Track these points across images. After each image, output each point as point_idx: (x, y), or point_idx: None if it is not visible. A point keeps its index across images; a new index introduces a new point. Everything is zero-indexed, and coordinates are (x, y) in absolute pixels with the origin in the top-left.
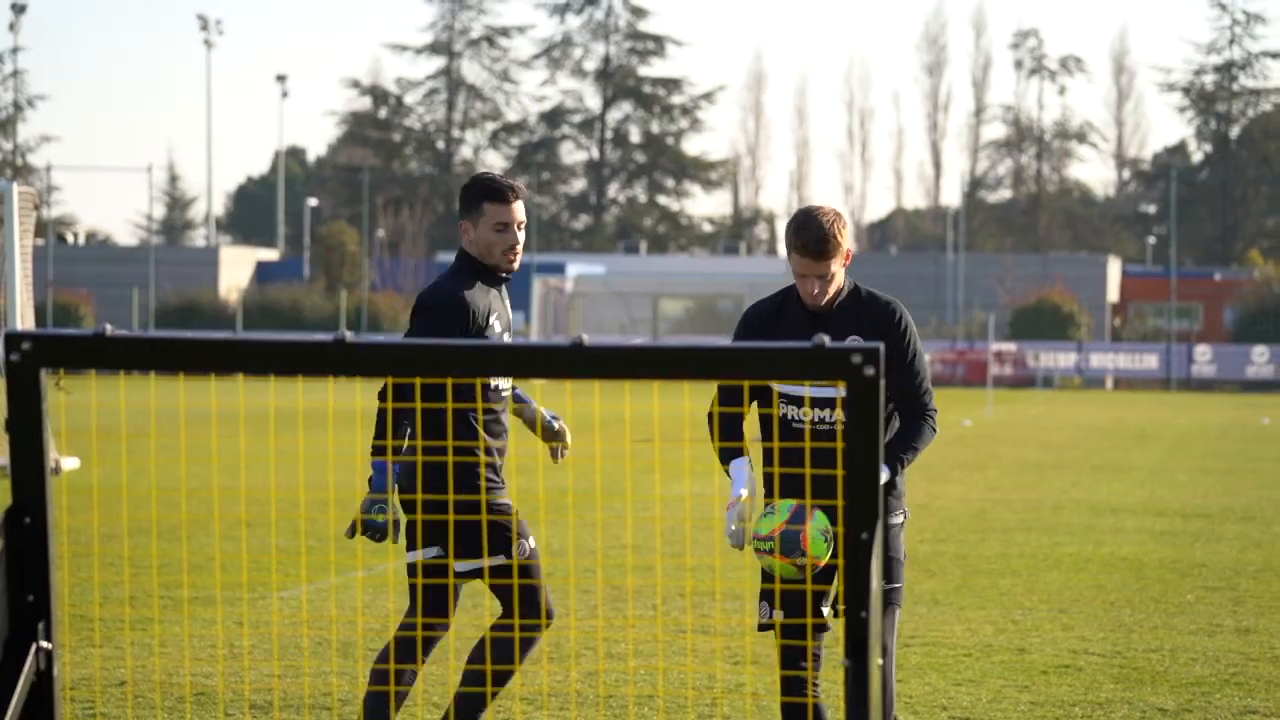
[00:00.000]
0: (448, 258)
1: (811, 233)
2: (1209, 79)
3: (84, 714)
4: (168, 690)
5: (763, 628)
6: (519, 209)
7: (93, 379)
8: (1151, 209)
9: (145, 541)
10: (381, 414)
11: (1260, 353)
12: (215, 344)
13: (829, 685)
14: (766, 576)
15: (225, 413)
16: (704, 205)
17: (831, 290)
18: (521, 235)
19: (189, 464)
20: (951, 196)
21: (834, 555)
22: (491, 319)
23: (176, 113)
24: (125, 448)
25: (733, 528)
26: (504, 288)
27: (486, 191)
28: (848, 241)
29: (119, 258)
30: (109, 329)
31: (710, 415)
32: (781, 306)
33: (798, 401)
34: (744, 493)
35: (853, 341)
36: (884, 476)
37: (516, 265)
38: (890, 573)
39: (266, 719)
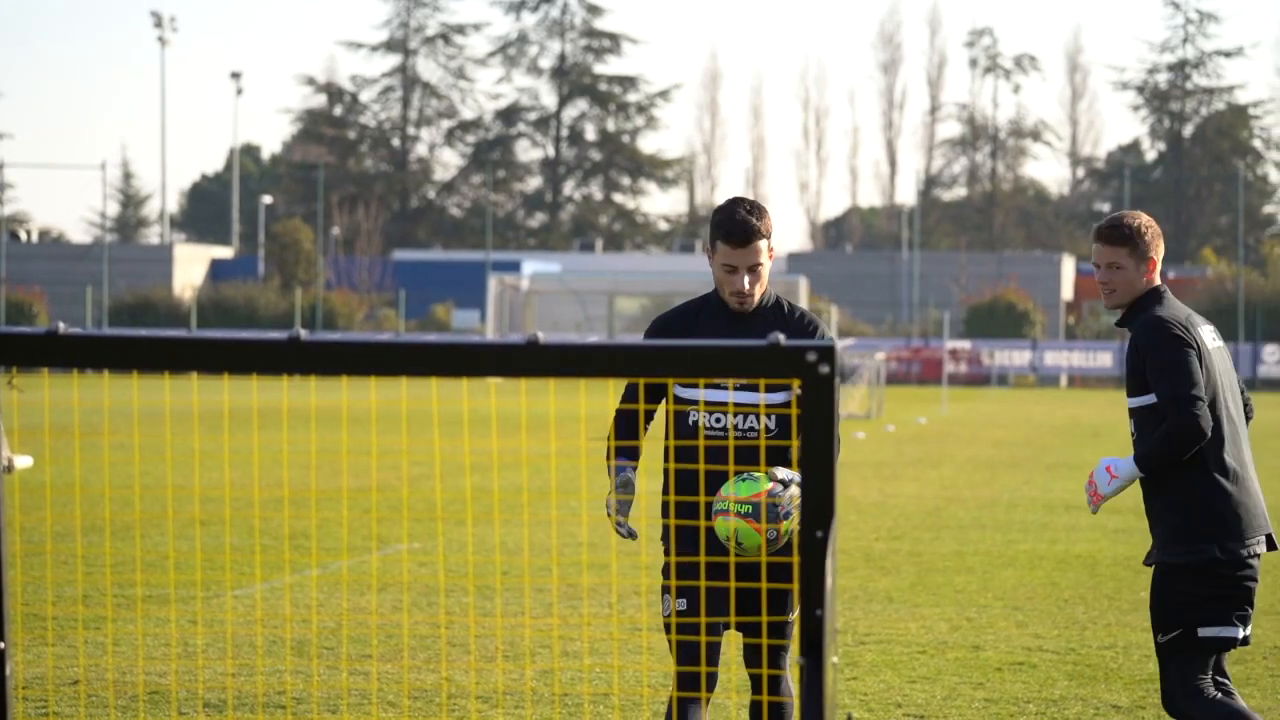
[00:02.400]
0: (404, 255)
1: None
2: (1162, 78)
3: (37, 713)
4: (121, 689)
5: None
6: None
7: (46, 377)
8: (1105, 207)
9: (99, 540)
10: None
11: None
12: (169, 342)
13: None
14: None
15: (179, 411)
16: (660, 203)
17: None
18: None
19: (143, 462)
20: (907, 195)
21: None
22: None
23: (130, 110)
24: (79, 446)
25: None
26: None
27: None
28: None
29: (73, 255)
30: (62, 327)
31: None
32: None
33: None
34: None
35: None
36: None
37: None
38: None
39: (220, 717)
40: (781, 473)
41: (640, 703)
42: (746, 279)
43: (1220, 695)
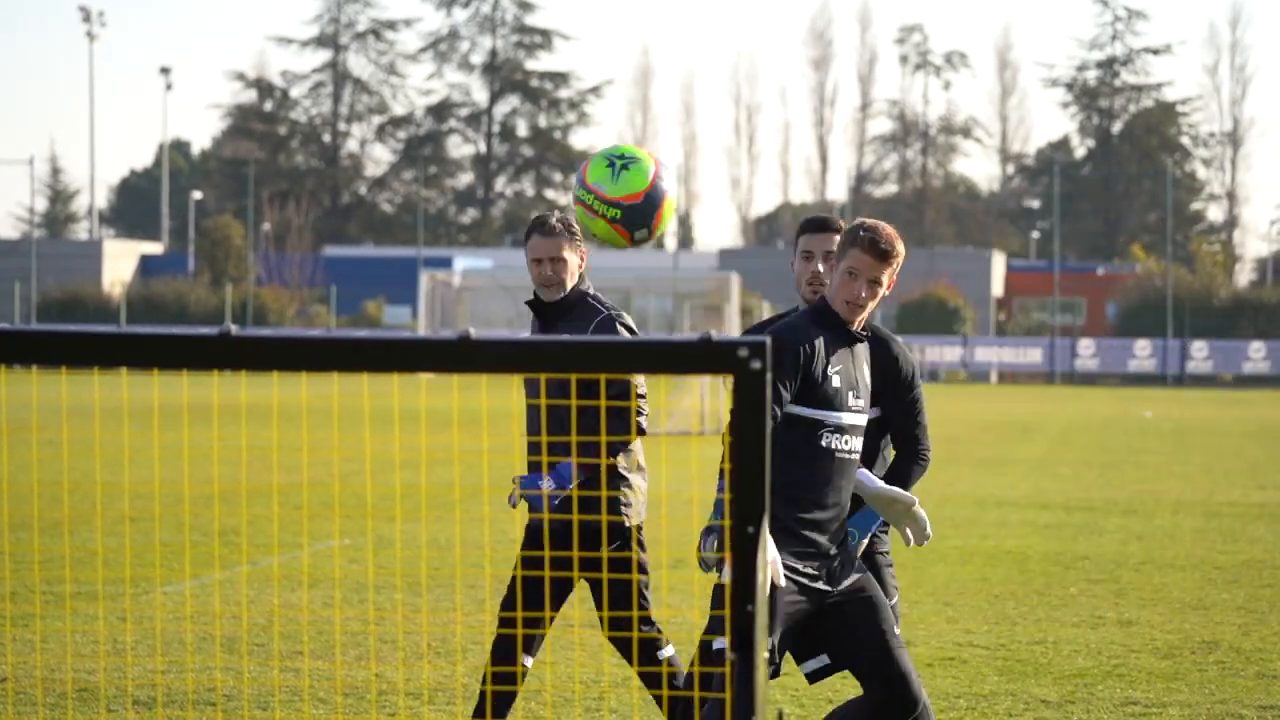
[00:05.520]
0: (335, 251)
1: (879, 234)
2: (1091, 75)
3: None
4: (49, 687)
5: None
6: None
7: None
8: (1035, 204)
9: (27, 536)
10: None
11: (1142, 346)
12: (98, 338)
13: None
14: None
15: (108, 407)
16: None
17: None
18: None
19: (71, 458)
20: (838, 191)
21: None
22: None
23: (59, 105)
24: (6, 442)
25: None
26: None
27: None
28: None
29: (0, 251)
30: None
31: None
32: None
33: (839, 430)
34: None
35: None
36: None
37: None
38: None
39: (150, 715)
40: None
41: (572, 699)
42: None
43: None
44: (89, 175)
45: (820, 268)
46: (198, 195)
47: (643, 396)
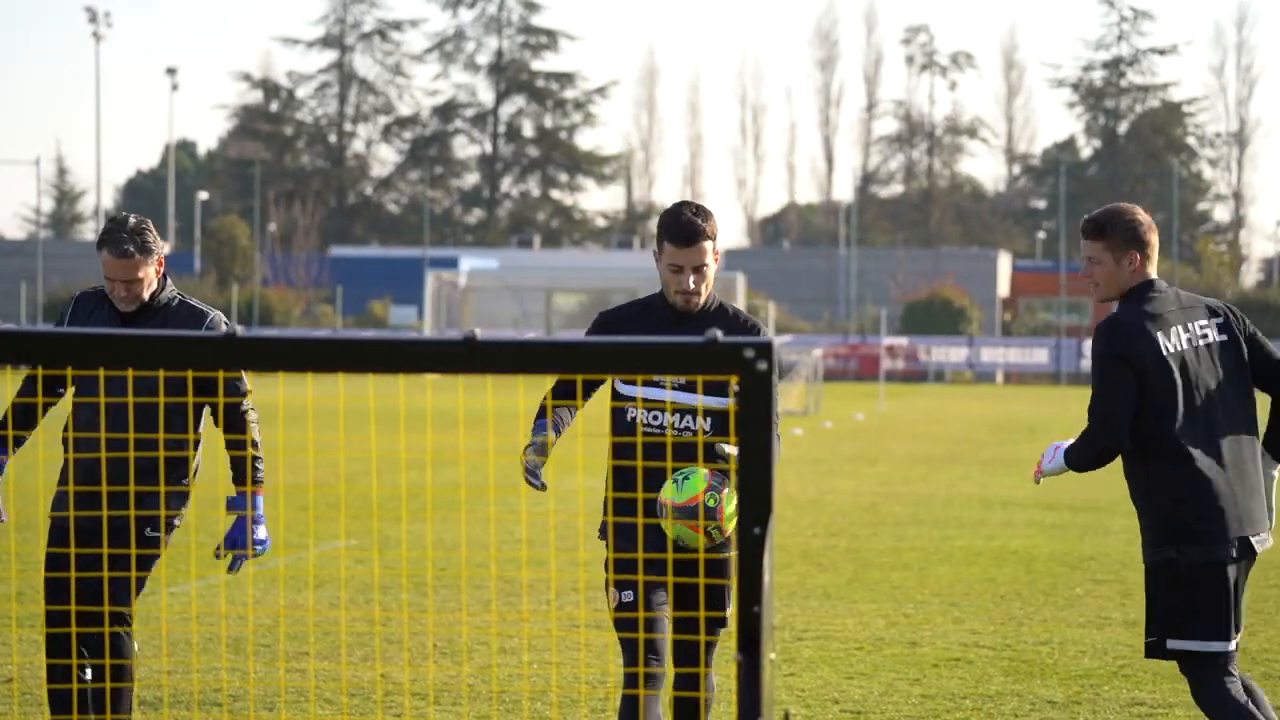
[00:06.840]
0: (340, 251)
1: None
2: (1097, 75)
3: None
4: None
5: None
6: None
7: None
8: (1041, 204)
9: (33, 537)
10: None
11: None
12: (104, 339)
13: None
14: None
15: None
16: (597, 200)
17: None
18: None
19: None
20: (844, 191)
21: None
22: None
23: (65, 105)
24: (12, 442)
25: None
26: None
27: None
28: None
29: (7, 251)
30: None
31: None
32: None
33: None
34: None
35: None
36: None
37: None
38: None
39: (156, 715)
40: (724, 451)
41: (578, 700)
42: (692, 279)
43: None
44: (95, 176)
45: (691, 282)
46: (204, 196)
47: (248, 393)
